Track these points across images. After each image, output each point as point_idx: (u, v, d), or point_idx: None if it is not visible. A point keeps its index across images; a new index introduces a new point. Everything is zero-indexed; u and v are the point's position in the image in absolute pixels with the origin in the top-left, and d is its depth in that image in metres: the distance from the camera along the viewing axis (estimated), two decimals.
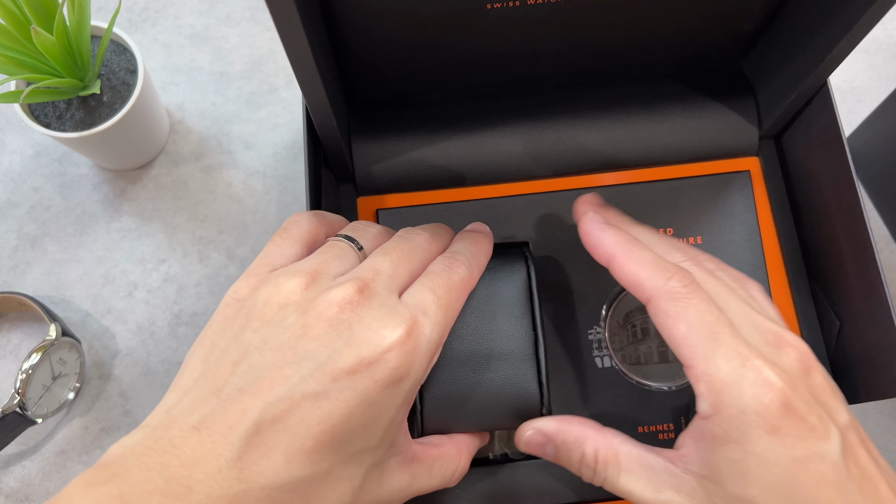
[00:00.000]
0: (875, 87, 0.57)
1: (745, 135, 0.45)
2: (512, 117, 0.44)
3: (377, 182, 0.44)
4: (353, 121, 0.45)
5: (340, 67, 0.41)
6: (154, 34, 0.58)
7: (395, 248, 0.34)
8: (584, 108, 0.45)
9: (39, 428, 0.50)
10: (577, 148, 0.45)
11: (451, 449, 0.35)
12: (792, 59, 0.41)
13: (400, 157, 0.44)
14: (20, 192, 0.54)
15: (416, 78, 0.43)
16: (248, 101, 0.56)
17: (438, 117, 0.44)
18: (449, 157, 0.44)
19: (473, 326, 0.35)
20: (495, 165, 0.45)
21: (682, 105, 0.45)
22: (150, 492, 0.26)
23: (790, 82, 0.41)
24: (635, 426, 0.41)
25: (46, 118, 0.48)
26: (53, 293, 0.52)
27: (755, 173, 0.45)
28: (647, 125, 0.44)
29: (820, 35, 0.38)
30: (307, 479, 0.28)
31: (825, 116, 0.41)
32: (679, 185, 0.44)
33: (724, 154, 0.45)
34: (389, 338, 0.29)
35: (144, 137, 0.52)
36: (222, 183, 0.54)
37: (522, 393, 0.35)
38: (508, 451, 0.41)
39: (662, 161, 0.45)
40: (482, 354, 0.35)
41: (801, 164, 0.44)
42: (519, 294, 0.36)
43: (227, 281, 0.52)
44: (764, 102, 0.44)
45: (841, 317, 0.41)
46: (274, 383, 0.29)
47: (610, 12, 0.38)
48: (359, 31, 0.38)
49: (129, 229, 0.54)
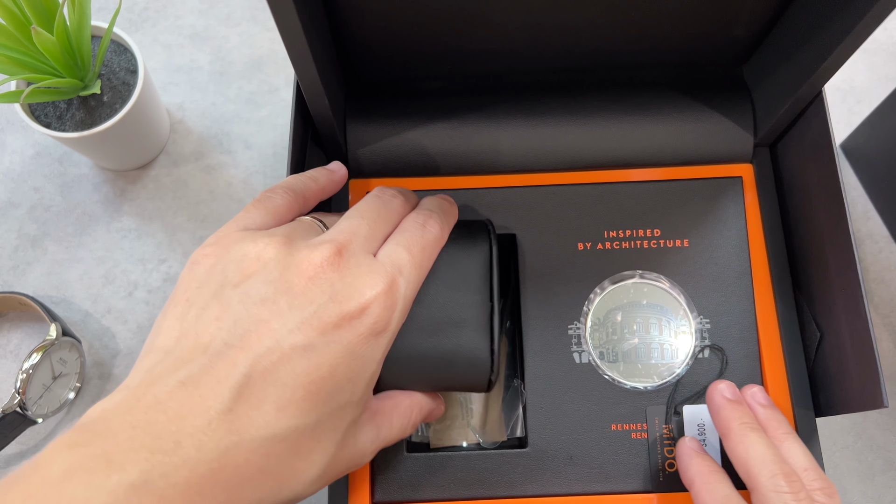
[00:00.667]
0: (875, 86, 0.57)
1: (740, 141, 0.45)
2: (508, 111, 0.45)
3: (369, 165, 0.45)
4: (350, 104, 0.45)
5: (340, 51, 0.41)
6: (154, 34, 0.58)
7: (371, 210, 0.35)
8: (579, 105, 0.45)
9: (40, 428, 0.50)
10: (570, 144, 0.45)
11: (405, 399, 0.36)
12: (789, 66, 0.41)
13: (394, 142, 0.44)
14: (20, 192, 0.54)
15: (414, 65, 0.44)
16: (248, 100, 0.56)
17: (435, 106, 0.45)
18: (442, 145, 0.44)
19: (434, 292, 0.36)
20: (488, 157, 0.45)
21: (678, 107, 0.45)
22: (137, 449, 0.26)
23: (786, 90, 0.41)
24: (609, 423, 0.41)
25: (47, 118, 0.48)
26: (54, 293, 0.52)
27: (748, 180, 0.45)
28: (642, 125, 0.44)
29: (815, 43, 0.38)
30: (297, 429, 0.29)
31: (818, 126, 0.41)
32: (670, 186, 0.44)
33: (718, 159, 0.45)
34: (370, 294, 0.31)
35: (145, 137, 0.52)
36: (222, 183, 0.54)
37: (474, 360, 0.36)
38: (481, 441, 0.42)
39: (655, 162, 0.45)
40: (440, 320, 0.36)
41: (793, 174, 0.44)
42: (480, 265, 0.37)
43: None
44: (761, 109, 0.44)
45: (822, 328, 0.41)
46: (262, 336, 0.29)
47: (612, 9, 0.38)
48: (359, 16, 0.38)
49: (130, 229, 0.54)
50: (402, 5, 0.38)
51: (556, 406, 0.41)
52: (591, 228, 0.44)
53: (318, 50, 0.35)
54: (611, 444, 0.41)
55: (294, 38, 0.32)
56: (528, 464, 0.41)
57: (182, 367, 0.28)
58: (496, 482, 0.41)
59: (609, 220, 0.44)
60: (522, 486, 0.41)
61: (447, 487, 0.40)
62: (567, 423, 0.41)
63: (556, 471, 0.41)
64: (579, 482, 0.41)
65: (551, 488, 0.41)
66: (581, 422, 0.41)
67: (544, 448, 0.41)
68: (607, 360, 0.42)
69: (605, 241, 0.44)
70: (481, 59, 0.43)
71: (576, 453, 0.41)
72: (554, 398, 0.42)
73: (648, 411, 0.41)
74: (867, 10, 0.33)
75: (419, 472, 0.41)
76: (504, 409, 0.43)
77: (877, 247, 0.53)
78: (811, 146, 0.41)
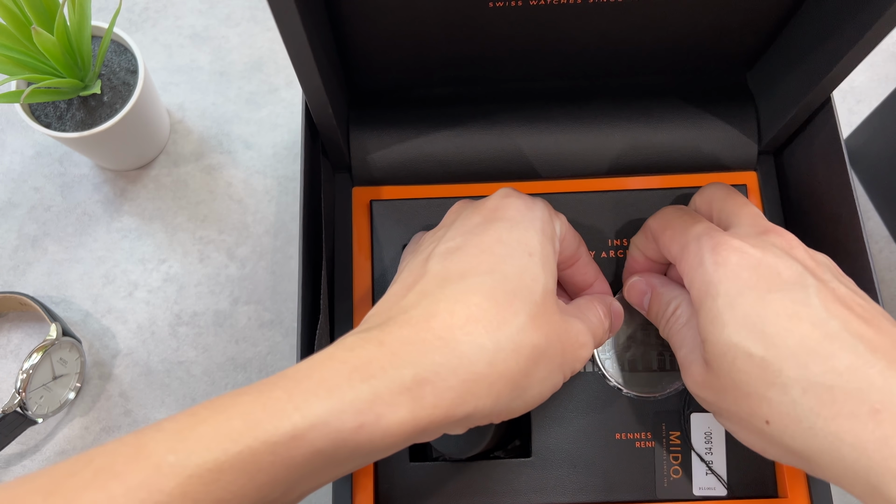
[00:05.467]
0: (874, 86, 0.57)
1: (744, 149, 0.44)
2: (511, 118, 0.45)
3: (373, 173, 0.44)
4: (353, 112, 0.45)
5: (343, 61, 0.41)
6: (154, 34, 0.58)
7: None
8: (583, 112, 0.45)
9: (40, 428, 0.50)
10: (574, 151, 0.45)
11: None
12: (796, 73, 0.41)
13: (397, 149, 0.44)
14: (21, 192, 0.54)
15: (417, 73, 0.44)
16: (248, 100, 0.56)
17: (438, 113, 0.45)
18: (446, 152, 0.44)
19: None
20: (492, 164, 0.45)
21: (682, 114, 0.44)
22: (424, 352, 0.29)
23: (793, 97, 0.41)
24: (613, 432, 0.41)
25: (47, 118, 0.48)
26: (54, 293, 0.52)
27: (752, 188, 0.45)
28: (645, 133, 0.44)
29: (824, 50, 0.38)
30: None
31: (828, 132, 0.40)
32: (674, 194, 0.44)
33: (721, 166, 0.45)
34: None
35: (145, 137, 0.52)
36: (222, 183, 0.54)
37: None
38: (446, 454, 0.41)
39: (659, 169, 0.45)
40: None
41: (801, 180, 0.44)
42: None
43: (228, 281, 0.52)
44: (765, 117, 0.44)
45: None
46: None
47: (614, 17, 0.38)
48: (362, 25, 0.38)
49: (130, 229, 0.54)
50: (406, 19, 0.38)
51: (560, 414, 0.41)
52: (596, 237, 0.44)
53: (321, 58, 0.35)
54: (615, 452, 0.41)
55: (299, 48, 0.32)
56: (533, 472, 0.41)
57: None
58: (500, 491, 0.40)
59: (614, 228, 0.44)
60: (527, 496, 0.40)
61: (451, 496, 0.40)
62: (571, 431, 0.41)
63: (560, 479, 0.40)
64: (583, 491, 0.40)
65: (555, 497, 0.40)
66: (585, 430, 0.41)
67: (548, 457, 0.41)
68: (613, 369, 0.41)
69: (609, 250, 0.43)
70: (485, 66, 0.43)
71: (580, 462, 0.41)
72: (558, 406, 0.41)
73: (654, 420, 0.41)
74: (880, 14, 0.33)
75: (423, 481, 0.40)
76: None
77: (877, 247, 0.53)
78: (820, 153, 0.41)
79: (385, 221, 0.44)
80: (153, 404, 0.50)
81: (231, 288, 0.52)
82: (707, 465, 0.41)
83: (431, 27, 0.38)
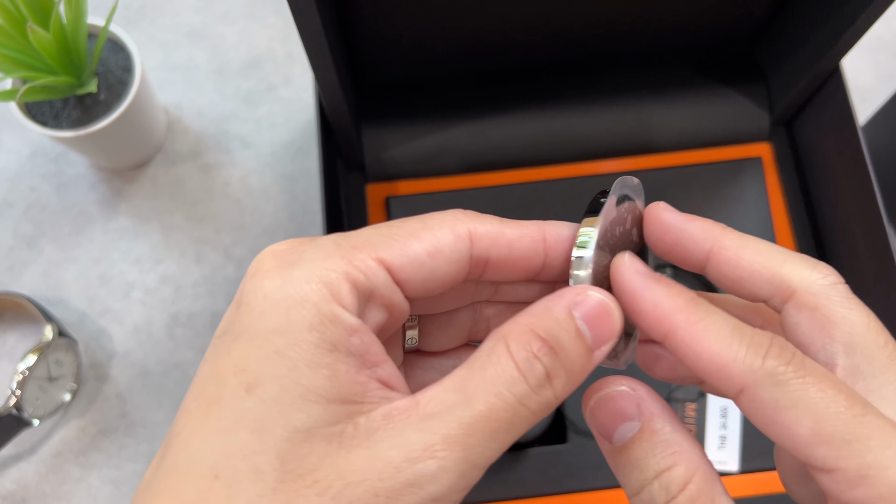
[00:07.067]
0: (879, 84, 0.56)
1: (756, 120, 0.44)
2: (522, 103, 0.44)
3: (388, 168, 0.44)
4: (362, 108, 0.44)
5: (351, 54, 0.41)
6: (151, 32, 0.57)
7: None
8: (594, 94, 0.44)
9: (36, 430, 0.50)
10: (586, 134, 0.44)
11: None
12: (804, 43, 0.40)
13: (410, 143, 0.44)
14: (16, 191, 0.54)
15: (425, 63, 0.43)
16: (245, 99, 0.56)
17: (449, 104, 0.44)
18: (459, 143, 0.44)
19: None
20: (505, 151, 0.44)
21: (692, 90, 0.44)
22: None
23: (802, 66, 0.41)
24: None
25: (43, 117, 0.48)
26: (50, 293, 0.52)
27: (767, 160, 0.45)
28: (657, 111, 0.44)
29: (833, 18, 0.37)
30: None
31: (838, 100, 0.40)
32: (690, 171, 0.44)
33: (734, 140, 0.45)
34: None
35: (141, 136, 0.51)
36: (220, 182, 0.54)
37: None
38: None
39: (673, 147, 0.45)
40: None
41: (813, 150, 0.43)
42: None
43: (225, 281, 0.52)
44: (775, 88, 0.44)
45: None
46: None
47: None
48: (370, 16, 0.38)
49: (126, 229, 0.53)
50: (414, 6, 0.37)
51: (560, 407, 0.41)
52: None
53: (336, 52, 0.35)
54: None
55: (316, 42, 0.32)
56: (569, 459, 0.41)
57: None
58: (536, 481, 0.40)
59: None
60: (566, 482, 0.40)
61: (488, 488, 0.40)
62: None
63: (597, 465, 0.40)
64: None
65: (594, 482, 0.40)
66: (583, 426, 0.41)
67: (583, 443, 0.41)
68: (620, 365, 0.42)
69: None
70: (493, 53, 0.42)
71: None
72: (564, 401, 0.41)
73: (681, 395, 0.41)
74: None
75: None
76: None
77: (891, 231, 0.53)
78: (831, 121, 0.41)
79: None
80: (150, 406, 0.50)
81: (228, 288, 0.52)
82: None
83: (440, 14, 0.38)
